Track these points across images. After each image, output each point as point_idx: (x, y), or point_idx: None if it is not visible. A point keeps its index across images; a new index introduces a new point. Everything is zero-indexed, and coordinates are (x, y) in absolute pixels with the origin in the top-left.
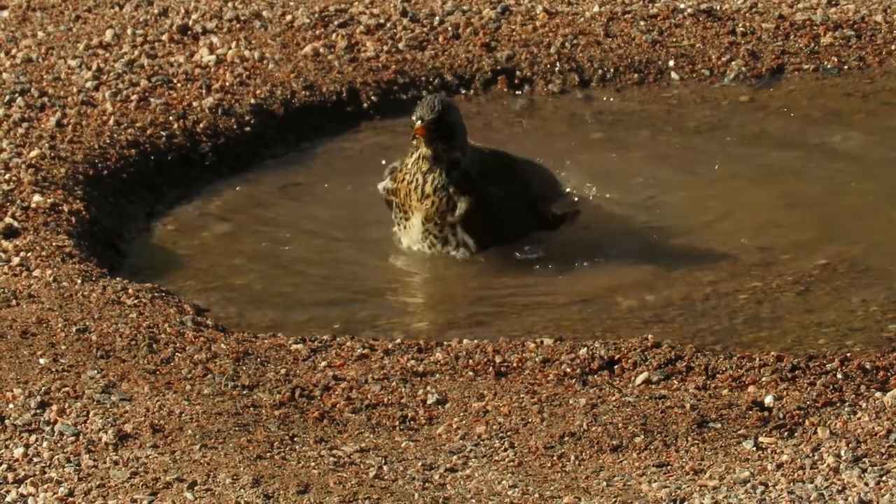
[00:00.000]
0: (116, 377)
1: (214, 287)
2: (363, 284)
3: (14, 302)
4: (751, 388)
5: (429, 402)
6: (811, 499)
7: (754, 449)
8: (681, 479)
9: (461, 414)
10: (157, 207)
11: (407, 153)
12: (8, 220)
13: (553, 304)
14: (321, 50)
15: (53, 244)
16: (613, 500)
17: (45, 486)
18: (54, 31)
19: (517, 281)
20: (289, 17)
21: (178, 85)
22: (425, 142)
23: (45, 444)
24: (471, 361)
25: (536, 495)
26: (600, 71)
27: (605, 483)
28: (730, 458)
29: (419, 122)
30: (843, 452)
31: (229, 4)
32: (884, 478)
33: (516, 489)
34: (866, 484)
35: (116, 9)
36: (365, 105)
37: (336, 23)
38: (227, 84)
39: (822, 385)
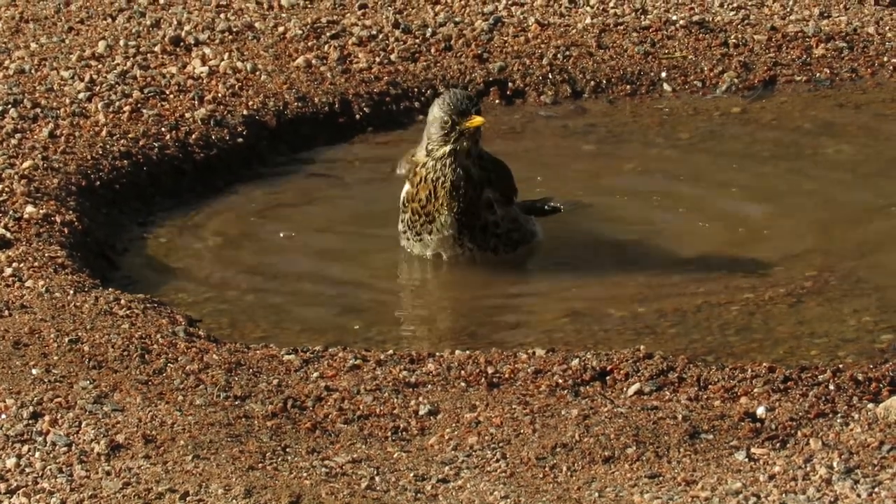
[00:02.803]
0: (108, 387)
1: (206, 298)
2: (355, 295)
3: (6, 312)
4: (743, 400)
5: (421, 412)
6: None
7: (746, 460)
8: (673, 490)
9: (453, 425)
10: (149, 218)
11: (409, 155)
12: (0, 230)
13: (545, 315)
14: (313, 61)
15: (46, 255)
16: None
17: (38, 497)
18: (47, 43)
19: (509, 292)
20: (281, 29)
21: (171, 96)
22: (471, 134)
23: (37, 454)
24: (463, 372)
25: None
26: (592, 82)
27: (597, 494)
28: (722, 469)
29: (477, 115)
30: (835, 464)
31: (222, 16)
32: (876, 489)
33: (508, 500)
34: (858, 495)
35: (109, 20)
36: (357, 116)
37: (328, 34)
38: (220, 95)
39: (814, 396)
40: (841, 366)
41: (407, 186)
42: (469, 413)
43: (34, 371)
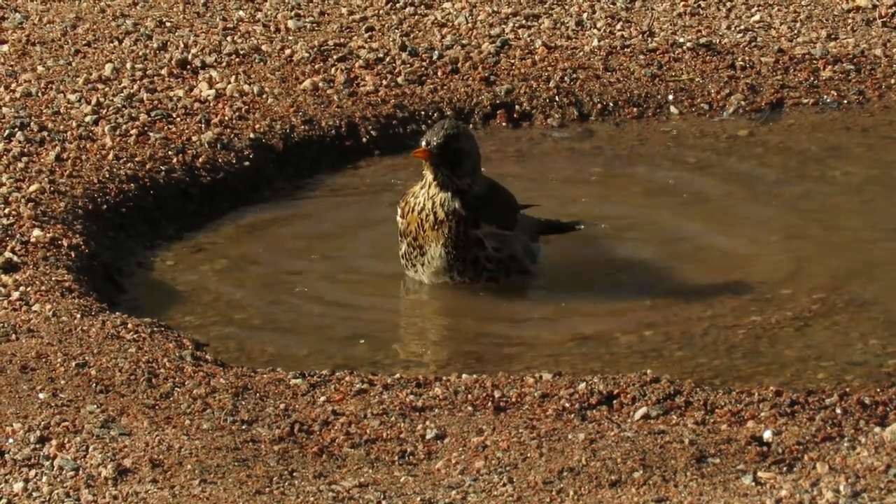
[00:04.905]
0: (116, 412)
1: (213, 322)
2: (362, 319)
3: (13, 336)
4: (750, 423)
5: (428, 436)
6: None
7: (753, 484)
8: None
9: (460, 449)
10: (156, 242)
11: (417, 183)
12: (7, 254)
13: (552, 339)
14: (320, 84)
15: (53, 279)
16: None
17: None
18: (54, 66)
19: (516, 316)
20: (288, 52)
21: (178, 119)
22: (428, 166)
23: (44, 478)
24: (470, 396)
25: None
26: (599, 105)
27: None
28: (728, 493)
29: (422, 145)
30: (842, 487)
31: (228, 39)
32: None
33: None
34: None
35: (116, 43)
36: (364, 139)
37: (335, 57)
38: (227, 118)
39: (821, 420)
40: (848, 389)
41: (399, 219)
42: (476, 437)
43: (41, 395)
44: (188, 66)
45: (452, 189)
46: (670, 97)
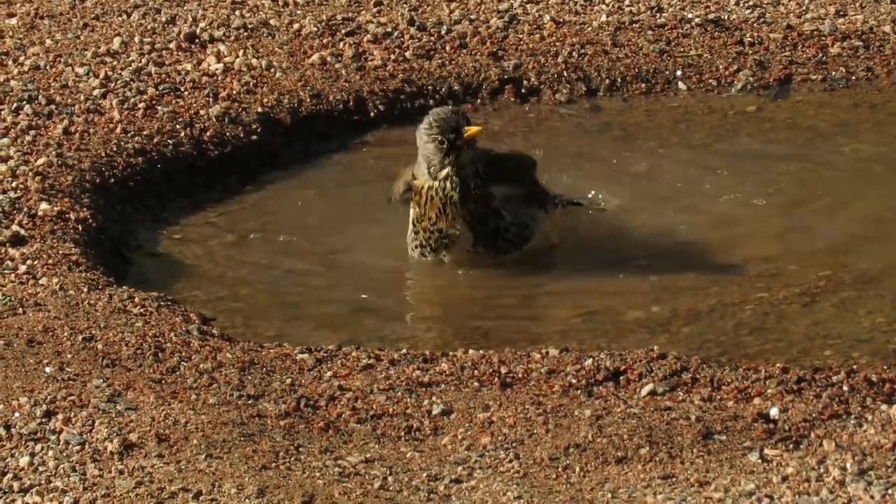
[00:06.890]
0: (122, 386)
1: (220, 296)
2: (369, 294)
3: (20, 310)
4: (756, 400)
5: (434, 412)
6: None
7: (760, 461)
8: (686, 491)
9: (466, 425)
10: (163, 216)
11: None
12: (15, 227)
13: (558, 315)
14: (328, 58)
15: (60, 252)
16: None
17: (51, 496)
18: (62, 39)
19: (523, 292)
20: (296, 26)
21: (186, 93)
22: (471, 145)
23: (50, 452)
24: (476, 372)
25: None
26: (607, 80)
27: (609, 495)
28: (735, 470)
29: (468, 127)
30: (848, 465)
31: (237, 13)
32: (889, 491)
33: (521, 500)
34: (872, 497)
35: (124, 17)
36: (372, 114)
37: (343, 31)
38: (235, 92)
39: (827, 397)
40: (855, 367)
41: (414, 209)
42: (482, 413)
43: (48, 369)
44: (196, 40)
45: (471, 171)
46: (678, 73)
